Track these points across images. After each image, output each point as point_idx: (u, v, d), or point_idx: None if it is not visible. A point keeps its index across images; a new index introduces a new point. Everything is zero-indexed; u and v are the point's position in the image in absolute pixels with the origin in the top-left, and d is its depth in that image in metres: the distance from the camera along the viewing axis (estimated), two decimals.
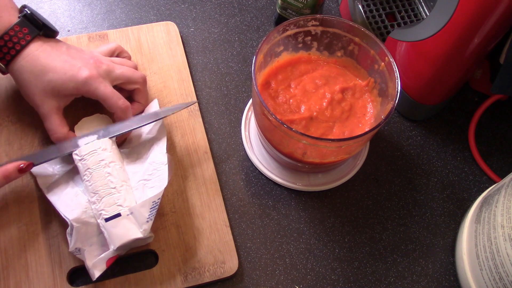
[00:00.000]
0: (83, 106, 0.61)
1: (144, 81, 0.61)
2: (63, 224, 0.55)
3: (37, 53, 0.55)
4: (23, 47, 0.54)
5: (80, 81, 0.55)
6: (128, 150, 0.59)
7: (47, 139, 0.59)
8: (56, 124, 0.56)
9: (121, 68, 0.59)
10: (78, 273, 0.54)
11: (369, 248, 0.59)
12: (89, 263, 0.51)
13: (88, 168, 0.53)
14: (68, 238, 0.51)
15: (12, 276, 0.52)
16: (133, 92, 0.61)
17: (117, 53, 0.63)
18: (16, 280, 0.52)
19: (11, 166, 0.51)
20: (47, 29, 0.57)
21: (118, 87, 0.59)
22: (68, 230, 0.52)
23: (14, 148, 0.59)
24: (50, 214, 0.56)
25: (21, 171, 0.52)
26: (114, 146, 0.56)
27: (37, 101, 0.56)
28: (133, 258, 0.55)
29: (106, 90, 0.56)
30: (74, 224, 0.51)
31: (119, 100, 0.57)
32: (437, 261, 0.59)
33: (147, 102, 0.62)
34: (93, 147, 0.54)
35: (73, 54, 0.57)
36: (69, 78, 0.55)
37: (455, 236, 0.60)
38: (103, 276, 0.54)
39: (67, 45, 0.58)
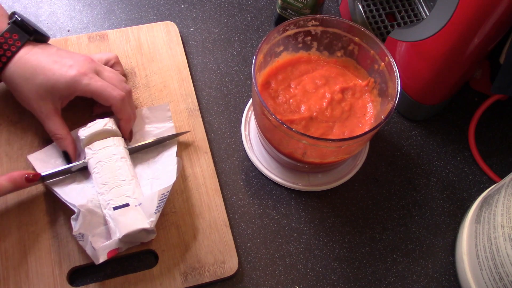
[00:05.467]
0: (83, 107, 0.62)
1: (130, 91, 0.58)
2: (63, 224, 0.55)
3: (27, 57, 0.55)
4: (14, 54, 0.54)
5: (69, 79, 0.54)
6: (137, 155, 0.59)
7: (47, 140, 0.59)
8: (55, 126, 0.56)
9: (110, 73, 0.58)
10: (78, 273, 0.54)
11: (369, 248, 0.59)
12: (92, 248, 0.51)
13: (100, 161, 0.55)
14: (72, 223, 0.52)
15: (12, 276, 0.52)
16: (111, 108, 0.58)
17: (112, 62, 0.62)
18: (16, 280, 0.52)
19: (18, 173, 0.52)
20: (37, 34, 0.57)
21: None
22: (74, 216, 0.52)
23: (14, 149, 0.59)
24: (50, 214, 0.56)
25: (28, 180, 0.52)
26: (126, 147, 0.58)
27: (34, 105, 0.55)
28: (133, 258, 0.55)
29: (97, 83, 0.55)
30: (81, 209, 0.51)
31: (114, 91, 0.56)
32: (437, 261, 0.59)
33: (128, 116, 0.58)
34: (107, 143, 0.56)
35: (63, 54, 0.56)
36: (58, 78, 0.54)
37: (455, 236, 0.60)
38: (103, 276, 0.54)
39: (57, 47, 0.58)
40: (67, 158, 0.57)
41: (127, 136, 0.59)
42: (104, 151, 0.56)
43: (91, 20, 0.72)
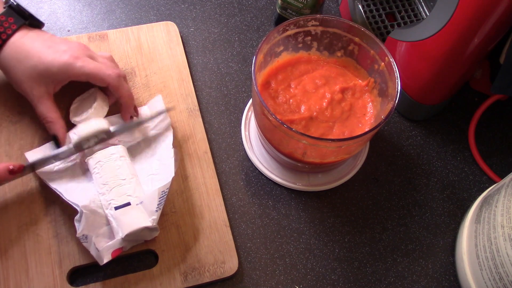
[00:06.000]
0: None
1: (116, 76, 0.57)
2: (63, 224, 0.55)
3: (21, 41, 0.55)
4: (9, 37, 0.55)
5: (63, 64, 0.54)
6: (135, 147, 0.59)
7: (47, 140, 0.59)
8: (46, 110, 0.56)
9: (102, 59, 0.58)
10: (78, 273, 0.54)
11: (369, 248, 0.59)
12: (96, 249, 0.51)
13: (99, 161, 0.55)
14: (76, 225, 0.52)
15: (12, 276, 0.52)
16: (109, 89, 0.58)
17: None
18: (16, 280, 0.52)
19: (1, 167, 0.51)
20: (32, 19, 0.57)
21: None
22: (77, 217, 0.52)
23: (14, 148, 0.59)
24: (50, 214, 0.56)
25: (12, 172, 0.52)
26: (123, 145, 0.58)
27: (26, 88, 0.55)
28: (133, 258, 0.55)
29: (91, 65, 0.55)
30: (84, 210, 0.51)
31: (108, 70, 0.56)
32: (437, 261, 0.59)
33: (128, 93, 0.59)
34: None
35: (57, 40, 0.57)
36: (51, 62, 0.54)
37: (455, 236, 0.60)
38: (103, 276, 0.54)
39: (51, 34, 0.59)
40: (57, 143, 0.57)
41: (133, 113, 0.60)
42: (103, 151, 0.56)
43: (91, 20, 0.72)
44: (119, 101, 0.58)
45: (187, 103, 0.64)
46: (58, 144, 0.57)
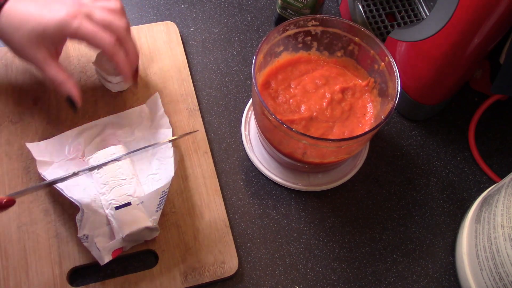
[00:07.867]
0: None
1: (126, 27, 0.56)
2: (63, 224, 0.55)
3: (14, 7, 0.53)
4: (2, 5, 0.53)
5: (59, 22, 0.52)
6: (134, 147, 0.59)
7: (47, 139, 0.59)
8: (55, 71, 0.54)
9: (101, 12, 0.55)
10: (78, 273, 0.54)
11: (369, 248, 0.59)
12: (97, 249, 0.51)
13: (99, 161, 0.55)
14: (78, 224, 0.52)
15: (12, 276, 0.52)
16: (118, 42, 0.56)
17: None
18: (16, 280, 0.52)
19: None
20: None
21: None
22: (78, 216, 0.52)
23: (14, 148, 0.59)
24: (50, 214, 0.56)
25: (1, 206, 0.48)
26: (123, 145, 0.58)
27: (29, 53, 0.53)
28: (133, 258, 0.55)
29: (88, 27, 0.53)
30: (85, 210, 0.51)
31: (104, 37, 0.54)
32: (437, 261, 0.59)
33: (135, 50, 0.57)
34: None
35: (50, 1, 0.54)
36: (47, 22, 0.52)
37: (455, 236, 0.60)
38: (103, 276, 0.54)
39: None
40: (71, 103, 0.55)
41: (129, 79, 0.57)
42: (103, 151, 0.56)
43: None
44: (116, 68, 0.56)
45: (187, 103, 0.64)
46: (73, 104, 0.55)
